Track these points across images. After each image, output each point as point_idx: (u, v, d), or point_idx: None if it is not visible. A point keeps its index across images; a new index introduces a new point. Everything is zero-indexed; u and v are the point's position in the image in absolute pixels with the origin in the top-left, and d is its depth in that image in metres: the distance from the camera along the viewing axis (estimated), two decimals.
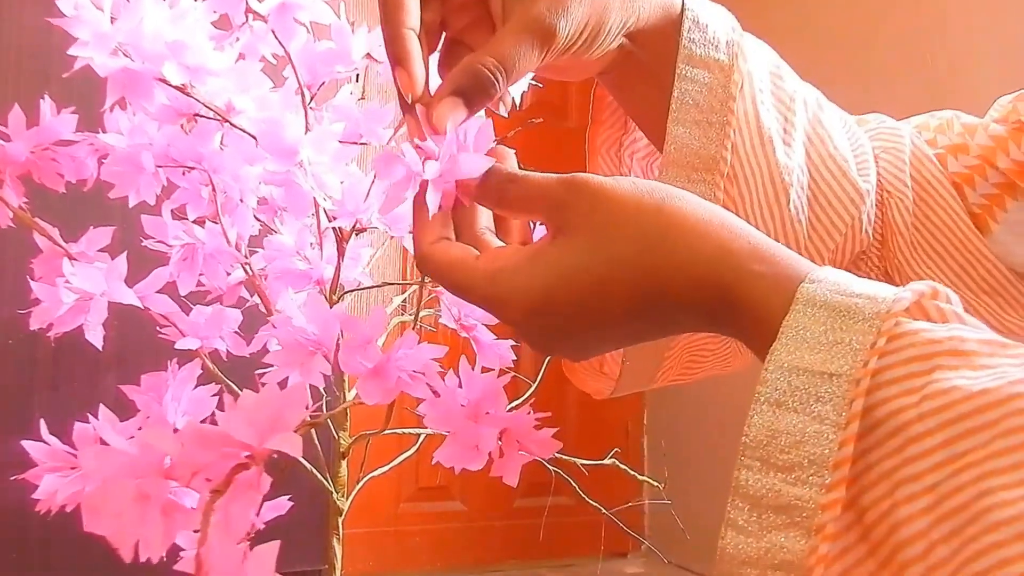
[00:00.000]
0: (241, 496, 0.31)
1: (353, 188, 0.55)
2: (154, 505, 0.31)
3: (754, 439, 0.29)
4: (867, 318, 0.28)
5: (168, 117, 0.51)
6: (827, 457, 0.27)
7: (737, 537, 0.28)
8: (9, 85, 1.42)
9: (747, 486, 0.28)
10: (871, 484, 0.27)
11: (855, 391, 0.27)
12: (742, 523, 0.28)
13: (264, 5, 0.52)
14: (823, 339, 0.29)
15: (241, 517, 0.31)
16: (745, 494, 0.28)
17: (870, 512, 0.27)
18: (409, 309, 0.76)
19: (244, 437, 0.30)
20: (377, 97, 0.66)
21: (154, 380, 0.52)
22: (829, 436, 0.27)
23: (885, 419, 0.27)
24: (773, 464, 0.28)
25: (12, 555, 1.35)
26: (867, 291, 0.29)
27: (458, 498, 2.11)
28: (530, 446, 0.52)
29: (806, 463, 0.27)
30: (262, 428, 0.30)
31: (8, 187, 0.53)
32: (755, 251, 0.32)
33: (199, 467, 0.30)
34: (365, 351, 0.47)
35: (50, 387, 1.40)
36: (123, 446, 0.32)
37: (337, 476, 0.65)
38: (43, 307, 0.49)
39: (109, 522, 0.31)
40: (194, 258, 0.55)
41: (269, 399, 0.30)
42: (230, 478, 0.30)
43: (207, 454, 0.30)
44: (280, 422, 0.30)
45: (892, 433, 0.27)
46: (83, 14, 0.47)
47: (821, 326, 0.29)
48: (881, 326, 0.28)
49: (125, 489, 0.31)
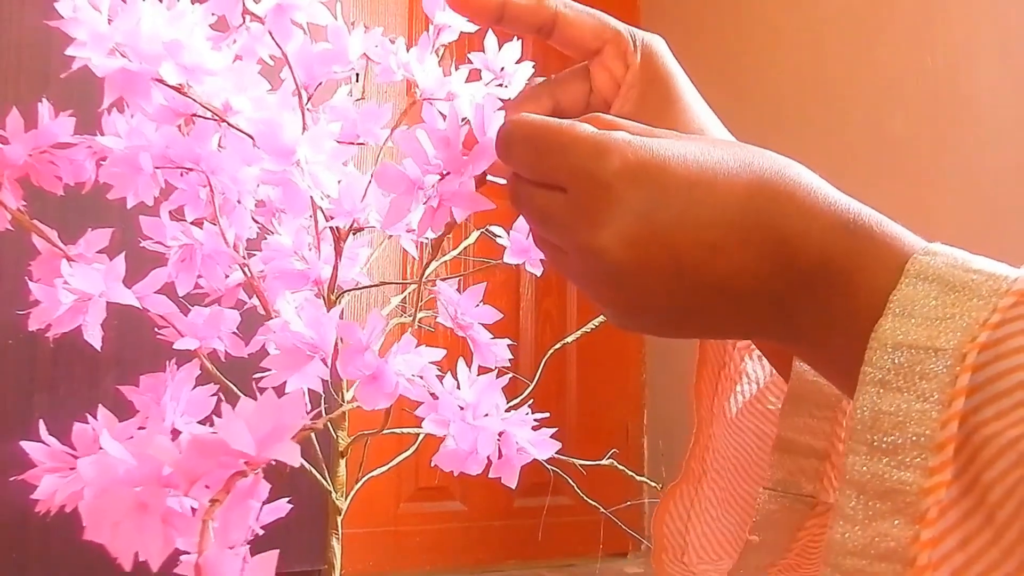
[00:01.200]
0: (239, 504, 0.31)
1: (350, 187, 0.55)
2: (153, 514, 0.31)
3: (860, 421, 0.27)
4: (982, 295, 0.27)
5: (166, 117, 0.51)
6: (931, 438, 0.26)
7: (844, 526, 0.27)
8: (9, 85, 1.42)
9: (853, 471, 0.27)
10: (993, 458, 0.25)
11: (961, 366, 0.26)
12: (849, 511, 0.27)
13: (261, 6, 0.52)
14: (932, 314, 0.27)
15: (239, 525, 0.31)
16: (852, 480, 0.27)
17: (995, 490, 0.25)
18: (408, 310, 0.76)
19: (243, 447, 0.30)
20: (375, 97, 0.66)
21: (153, 381, 0.52)
22: (933, 415, 0.26)
23: (1007, 392, 0.25)
24: (878, 448, 0.27)
25: (12, 555, 1.35)
26: (986, 268, 0.28)
27: (458, 498, 2.11)
28: (529, 448, 0.53)
29: (909, 445, 0.26)
30: (261, 437, 0.30)
31: (6, 190, 0.53)
32: (863, 222, 0.30)
33: (197, 476, 0.30)
34: (363, 357, 0.47)
35: (49, 387, 1.40)
36: (121, 455, 0.32)
37: (336, 476, 0.65)
38: (42, 308, 0.49)
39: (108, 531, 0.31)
40: (192, 259, 0.56)
41: (267, 407, 0.30)
42: (228, 486, 0.30)
43: (205, 463, 0.30)
44: (279, 431, 0.30)
45: (1018, 404, 0.25)
46: (81, 15, 0.47)
47: (932, 300, 0.27)
48: (998, 303, 0.26)
49: (123, 499, 0.31)
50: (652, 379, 2.36)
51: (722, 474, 0.45)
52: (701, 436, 0.46)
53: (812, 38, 1.89)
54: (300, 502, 0.49)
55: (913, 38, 1.64)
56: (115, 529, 0.30)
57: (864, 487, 0.27)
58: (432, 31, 0.61)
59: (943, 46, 1.59)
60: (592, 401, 2.27)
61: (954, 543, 0.25)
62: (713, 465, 0.45)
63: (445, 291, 0.57)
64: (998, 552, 0.25)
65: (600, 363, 2.29)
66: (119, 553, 0.30)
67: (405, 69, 0.59)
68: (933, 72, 1.60)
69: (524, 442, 0.52)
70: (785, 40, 1.96)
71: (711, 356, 0.47)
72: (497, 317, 0.57)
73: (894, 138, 1.67)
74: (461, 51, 0.62)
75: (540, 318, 2.25)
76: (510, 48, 0.61)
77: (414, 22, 2.14)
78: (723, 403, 0.45)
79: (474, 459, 0.52)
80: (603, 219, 0.31)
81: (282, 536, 0.37)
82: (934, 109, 1.60)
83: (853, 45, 1.78)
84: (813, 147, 1.79)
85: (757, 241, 0.30)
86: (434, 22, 0.61)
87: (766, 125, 1.86)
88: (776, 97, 1.98)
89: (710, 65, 2.19)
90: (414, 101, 0.59)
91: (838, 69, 1.81)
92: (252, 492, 0.31)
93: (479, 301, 0.57)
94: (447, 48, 0.63)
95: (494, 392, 0.52)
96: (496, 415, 0.52)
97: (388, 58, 0.59)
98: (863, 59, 1.75)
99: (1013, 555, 0.25)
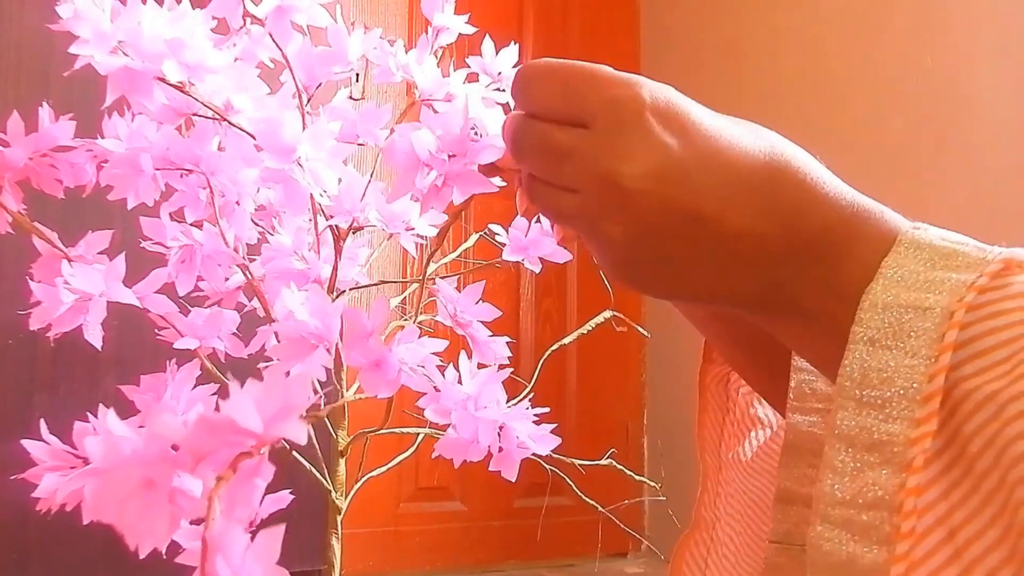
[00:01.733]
0: (245, 482, 0.31)
1: (350, 186, 0.56)
2: (160, 492, 0.31)
3: (848, 378, 0.28)
4: (971, 262, 0.28)
5: (167, 116, 0.51)
6: (918, 390, 0.26)
7: (834, 478, 0.27)
8: (9, 85, 1.43)
9: (842, 426, 0.27)
10: (973, 411, 0.26)
11: (948, 323, 0.26)
12: (839, 464, 0.27)
13: (261, 8, 0.53)
14: (922, 278, 0.28)
15: (245, 503, 0.31)
16: (841, 435, 0.27)
17: (974, 442, 0.26)
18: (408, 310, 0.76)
19: (250, 425, 0.30)
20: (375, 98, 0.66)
21: (153, 381, 0.53)
22: (920, 369, 0.26)
23: (990, 350, 0.26)
24: (866, 403, 0.27)
25: (12, 555, 1.35)
26: (973, 242, 0.29)
27: (457, 498, 2.11)
28: (529, 442, 0.53)
29: (897, 398, 0.27)
30: (268, 416, 0.30)
31: (7, 192, 0.53)
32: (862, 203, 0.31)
33: (204, 454, 0.30)
34: (367, 343, 0.47)
35: (50, 387, 1.40)
36: (127, 434, 0.32)
37: (336, 475, 0.65)
38: (42, 308, 0.49)
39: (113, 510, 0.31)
40: (192, 259, 0.56)
41: (275, 386, 0.30)
42: (235, 465, 0.31)
43: (213, 441, 0.30)
44: (286, 409, 0.30)
45: (1000, 361, 0.26)
46: (83, 13, 0.48)
47: (921, 265, 0.28)
48: (985, 268, 0.27)
49: (130, 476, 0.31)
50: (652, 379, 2.36)
51: (738, 519, 0.45)
52: (709, 483, 0.46)
53: (812, 38, 1.89)
54: (300, 502, 0.49)
55: (913, 38, 1.64)
56: (121, 507, 0.30)
57: (853, 441, 0.27)
58: (431, 33, 0.61)
59: (943, 46, 1.59)
60: (592, 401, 2.27)
61: (937, 492, 0.26)
62: (727, 511, 0.45)
63: (444, 289, 0.57)
64: (978, 500, 0.25)
65: (600, 363, 2.29)
66: (126, 530, 0.30)
67: (404, 70, 0.59)
68: (933, 72, 1.60)
69: (524, 436, 0.52)
70: (785, 40, 1.96)
71: (712, 403, 0.47)
72: (496, 315, 0.57)
73: (894, 138, 1.67)
74: (460, 53, 0.63)
75: (540, 318, 2.26)
76: (508, 52, 0.61)
77: (413, 24, 2.14)
78: (735, 448, 0.45)
79: (475, 448, 0.52)
80: (632, 151, 0.31)
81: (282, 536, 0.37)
82: (934, 109, 1.60)
83: (853, 45, 1.78)
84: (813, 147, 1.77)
85: (766, 207, 0.31)
86: (433, 24, 0.61)
87: (766, 124, 1.86)
88: (776, 97, 1.98)
89: (710, 65, 2.19)
90: (413, 102, 0.59)
91: (838, 69, 1.82)
92: (258, 471, 0.31)
93: (478, 299, 0.57)
94: (446, 50, 0.63)
95: (495, 385, 0.52)
96: (497, 408, 0.52)
97: (387, 59, 0.59)
98: (863, 59, 1.76)
99: (991, 503, 0.25)
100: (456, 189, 0.43)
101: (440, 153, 0.43)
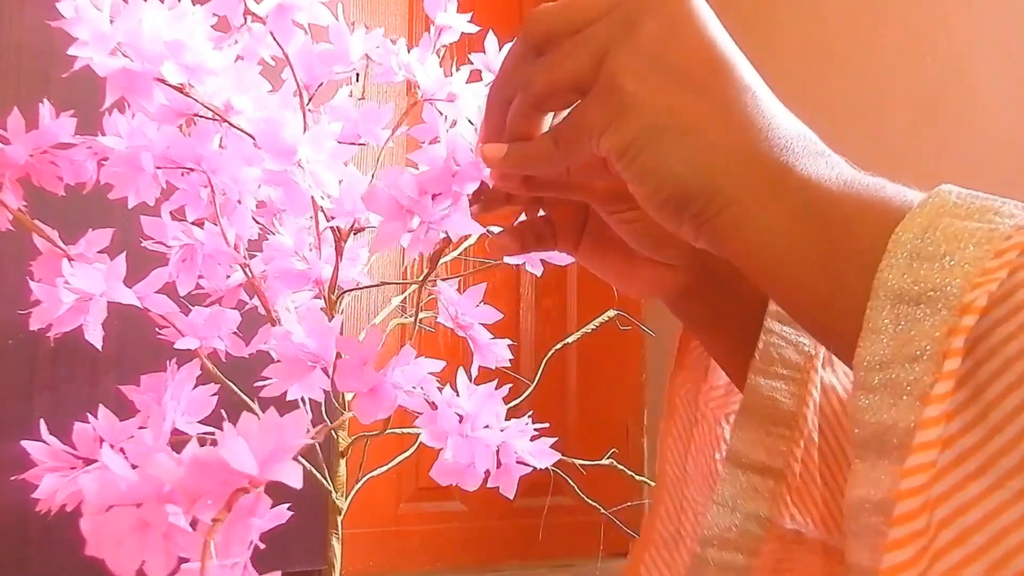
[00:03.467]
0: (240, 521, 0.31)
1: (351, 187, 0.55)
2: (155, 532, 0.31)
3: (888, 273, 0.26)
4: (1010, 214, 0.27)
5: (167, 117, 0.51)
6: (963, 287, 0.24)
7: (871, 336, 0.26)
8: (9, 85, 1.42)
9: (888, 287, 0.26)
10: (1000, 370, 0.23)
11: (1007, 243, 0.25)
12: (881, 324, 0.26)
13: (262, 7, 0.52)
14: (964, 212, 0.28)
15: (240, 541, 0.31)
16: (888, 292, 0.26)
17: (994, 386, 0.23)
18: (408, 310, 0.76)
19: (244, 467, 0.30)
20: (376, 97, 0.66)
21: (153, 380, 0.52)
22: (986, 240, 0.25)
23: None
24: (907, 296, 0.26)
25: (12, 555, 1.35)
26: None
27: (457, 498, 2.11)
28: (528, 458, 0.52)
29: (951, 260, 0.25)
30: (263, 457, 0.30)
31: (7, 190, 0.53)
32: None
33: (198, 495, 0.30)
34: (361, 372, 0.46)
35: (50, 387, 1.40)
36: (123, 470, 0.32)
37: (336, 476, 0.65)
38: (43, 307, 0.49)
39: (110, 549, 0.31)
40: (193, 259, 0.56)
41: (270, 426, 0.30)
42: (230, 503, 0.30)
43: (206, 482, 0.30)
44: (281, 450, 0.30)
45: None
46: (83, 14, 0.47)
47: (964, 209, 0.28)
48: None
49: (126, 517, 0.31)
50: (652, 379, 2.36)
51: None
52: (668, 497, 0.45)
53: (812, 38, 1.89)
54: (300, 502, 0.49)
55: (913, 38, 1.64)
56: (117, 547, 0.30)
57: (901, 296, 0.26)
58: (433, 32, 0.61)
59: (943, 46, 1.59)
60: (592, 401, 2.27)
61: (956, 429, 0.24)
62: (697, 531, 0.43)
63: (445, 291, 0.57)
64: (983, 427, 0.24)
65: (600, 363, 2.29)
66: (121, 571, 0.30)
67: (406, 70, 0.59)
68: (933, 72, 1.60)
69: (523, 452, 0.52)
70: (785, 40, 1.96)
71: (681, 408, 0.46)
72: (497, 317, 0.57)
73: (894, 138, 1.67)
74: (462, 52, 0.62)
75: (540, 318, 2.25)
76: None
77: (415, 23, 2.14)
78: (708, 463, 0.44)
79: (471, 473, 0.51)
80: None
81: (282, 536, 0.37)
82: (934, 109, 1.60)
83: (853, 45, 1.78)
84: None
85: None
86: (435, 23, 0.61)
87: None
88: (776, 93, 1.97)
89: None
90: (415, 102, 0.59)
91: (838, 69, 1.81)
92: (253, 510, 0.31)
93: (479, 301, 0.57)
94: (448, 49, 0.63)
95: (494, 403, 0.52)
96: (496, 425, 0.52)
97: (389, 59, 0.59)
98: (863, 59, 1.76)
99: None
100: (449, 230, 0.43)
101: (423, 196, 0.42)
